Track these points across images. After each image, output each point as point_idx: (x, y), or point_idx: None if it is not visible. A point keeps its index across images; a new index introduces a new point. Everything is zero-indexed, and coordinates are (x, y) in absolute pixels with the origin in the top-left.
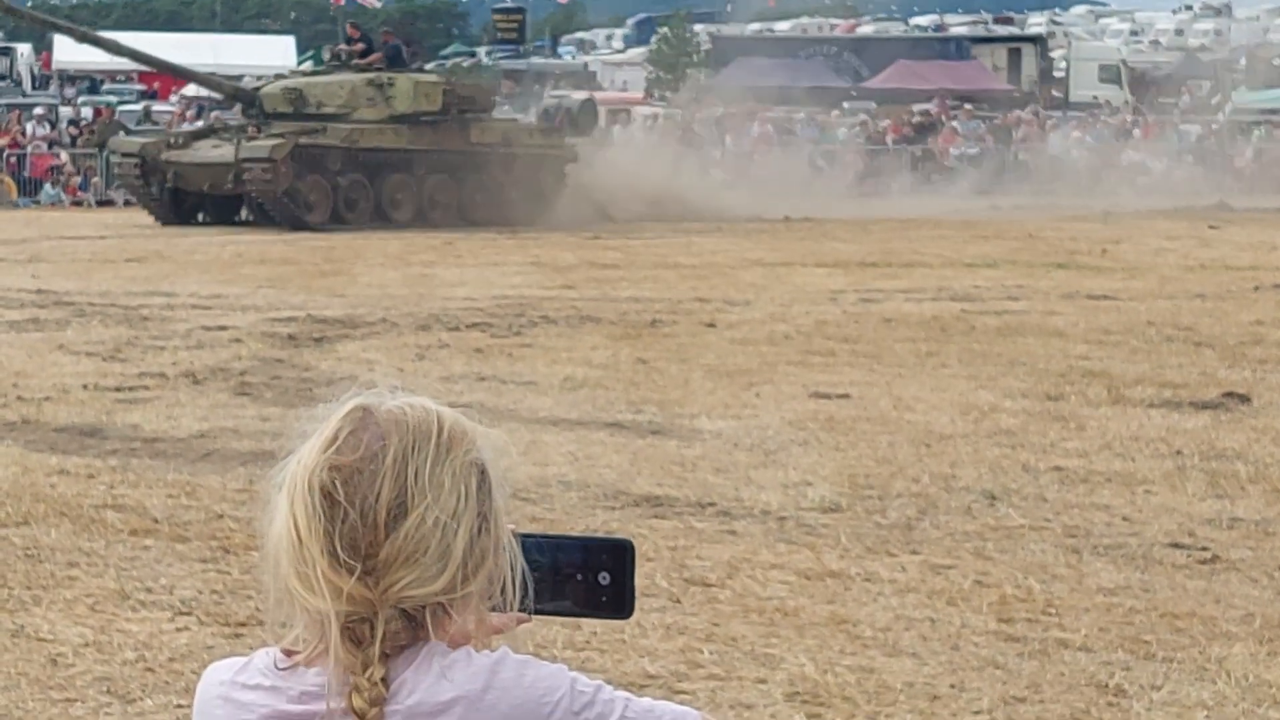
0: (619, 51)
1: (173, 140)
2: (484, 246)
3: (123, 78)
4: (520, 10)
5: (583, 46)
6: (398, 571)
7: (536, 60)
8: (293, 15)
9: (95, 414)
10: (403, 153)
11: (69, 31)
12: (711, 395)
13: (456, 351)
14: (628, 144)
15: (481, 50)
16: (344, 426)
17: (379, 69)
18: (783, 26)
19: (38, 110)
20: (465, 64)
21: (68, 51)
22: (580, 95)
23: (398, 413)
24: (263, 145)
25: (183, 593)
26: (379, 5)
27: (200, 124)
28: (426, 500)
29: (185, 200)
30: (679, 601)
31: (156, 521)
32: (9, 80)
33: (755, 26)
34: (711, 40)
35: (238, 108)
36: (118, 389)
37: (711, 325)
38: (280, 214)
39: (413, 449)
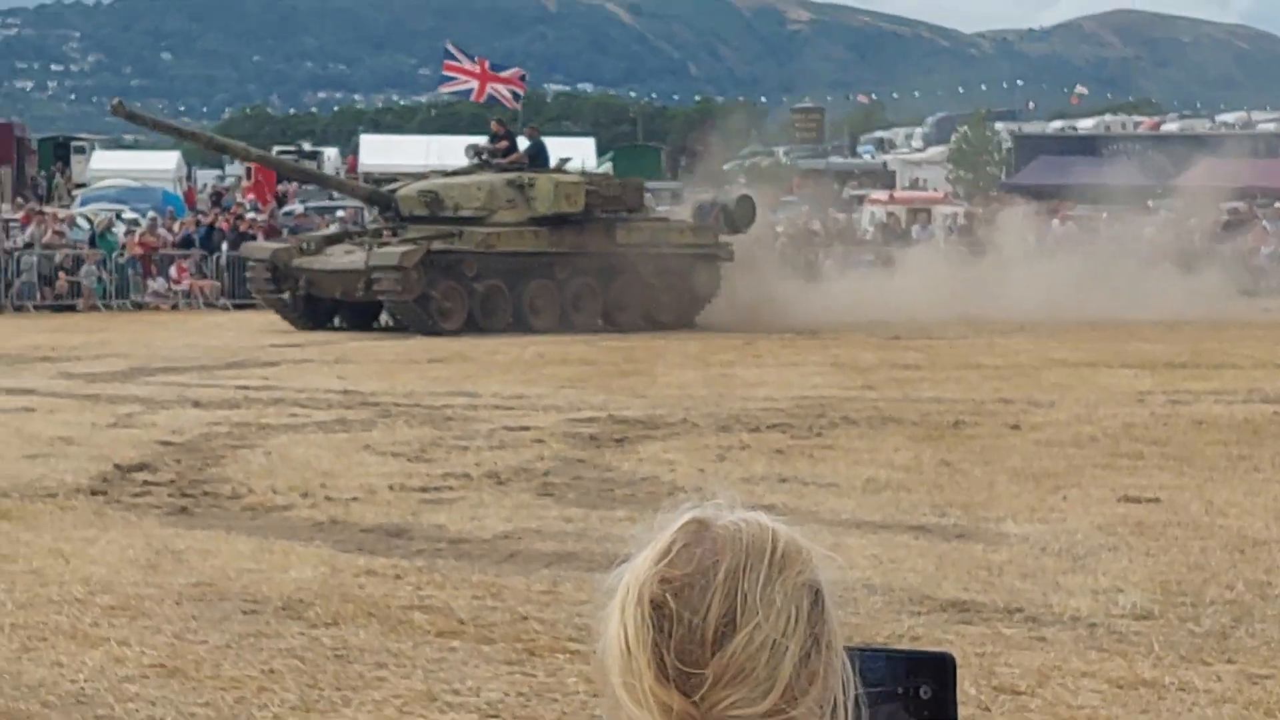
0: (918, 150)
1: (305, 246)
2: (783, 346)
3: None
4: (819, 110)
5: (882, 145)
6: (723, 690)
7: (835, 159)
8: (593, 117)
9: (401, 514)
10: (543, 256)
11: (193, 138)
12: (1017, 499)
13: (757, 452)
14: (927, 242)
15: (780, 150)
16: (678, 539)
17: (519, 168)
18: (1086, 124)
19: (341, 214)
20: (764, 163)
21: (373, 154)
22: (737, 192)
23: (733, 528)
24: (393, 252)
25: (489, 695)
26: (519, 107)
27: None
28: (756, 619)
29: (319, 305)
30: (989, 710)
31: (462, 623)
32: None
33: (1057, 124)
34: (1012, 138)
35: None
36: (423, 489)
37: (1016, 427)
38: (413, 321)
39: (745, 566)
